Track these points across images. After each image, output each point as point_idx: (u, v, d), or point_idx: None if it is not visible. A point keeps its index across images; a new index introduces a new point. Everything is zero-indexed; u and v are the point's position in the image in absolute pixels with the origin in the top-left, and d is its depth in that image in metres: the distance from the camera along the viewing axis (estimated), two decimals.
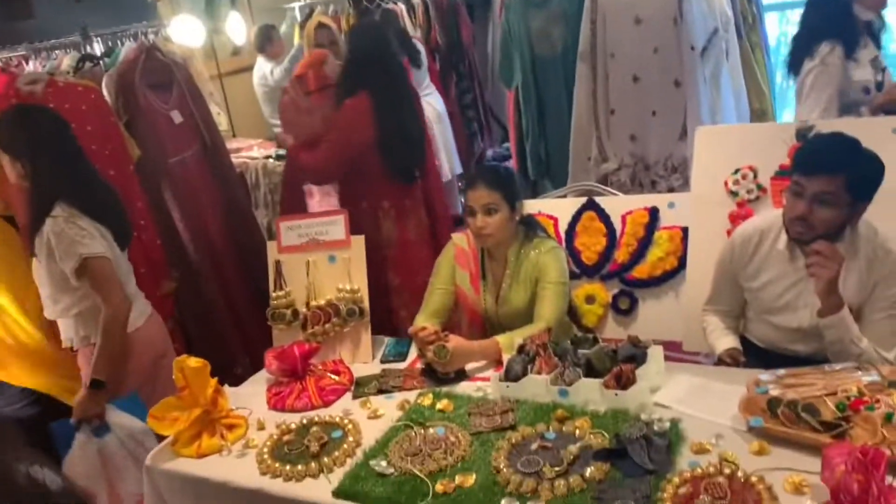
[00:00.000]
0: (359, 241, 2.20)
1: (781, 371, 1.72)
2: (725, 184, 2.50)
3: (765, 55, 4.59)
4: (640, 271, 2.69)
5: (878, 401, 1.52)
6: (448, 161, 4.49)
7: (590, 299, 2.74)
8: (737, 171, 2.49)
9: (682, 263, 2.60)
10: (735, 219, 2.45)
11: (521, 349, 1.95)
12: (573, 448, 1.56)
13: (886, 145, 2.26)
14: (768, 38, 4.79)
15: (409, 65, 4.45)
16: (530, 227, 2.32)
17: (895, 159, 2.21)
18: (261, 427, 1.89)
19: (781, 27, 6.32)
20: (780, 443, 1.53)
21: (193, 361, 1.81)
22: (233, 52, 5.39)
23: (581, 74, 3.84)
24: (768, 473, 1.44)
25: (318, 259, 2.21)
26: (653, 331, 2.57)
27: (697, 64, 3.61)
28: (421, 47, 4.46)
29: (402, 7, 4.67)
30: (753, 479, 1.42)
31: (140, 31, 3.50)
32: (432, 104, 4.44)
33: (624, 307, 2.72)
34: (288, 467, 1.69)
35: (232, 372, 2.83)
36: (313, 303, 2.19)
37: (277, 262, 2.25)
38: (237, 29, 5.12)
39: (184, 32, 3.83)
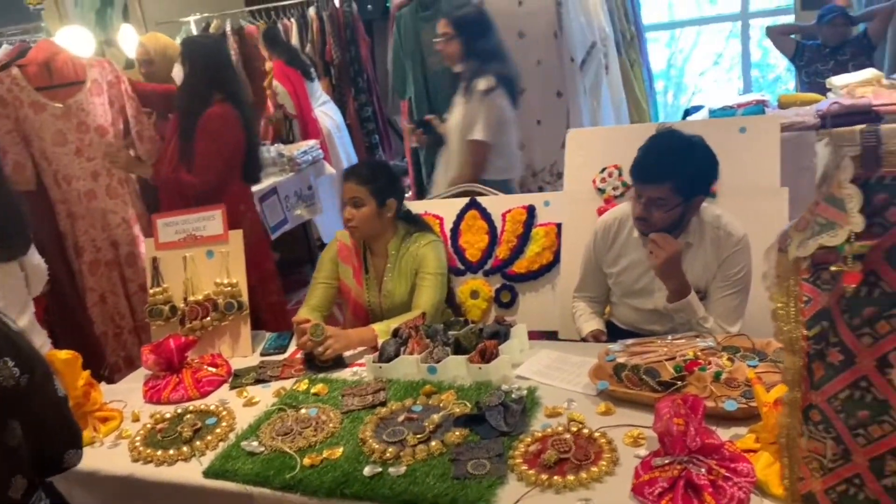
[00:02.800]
0: (237, 236, 2.23)
1: (630, 341, 1.86)
2: (594, 182, 2.67)
3: (644, 70, 4.88)
4: (519, 266, 2.81)
5: (709, 363, 1.67)
6: None
7: (474, 294, 2.84)
8: (604, 169, 2.66)
9: (557, 257, 2.74)
10: (602, 213, 2.62)
11: (395, 333, 2.03)
12: (436, 417, 1.65)
13: (733, 144, 2.49)
14: (648, 56, 5.10)
15: (303, 78, 4.52)
16: (411, 223, 2.41)
17: (742, 157, 2.45)
18: (135, 419, 1.89)
19: (671, 47, 6.73)
20: (625, 403, 1.66)
21: (63, 354, 1.80)
22: (126, 66, 5.30)
23: None
24: (611, 430, 1.56)
25: (196, 254, 2.24)
26: (532, 321, 2.69)
27: (577, 76, 3.82)
28: (312, 61, 4.53)
29: (292, 23, 4.72)
30: (597, 434, 1.54)
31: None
32: (329, 114, 4.50)
33: (506, 300, 2.83)
34: (160, 453, 1.70)
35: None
36: (191, 298, 2.20)
37: (154, 259, 2.25)
38: (130, 41, 5.04)
39: (72, 43, 3.76)
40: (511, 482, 1.44)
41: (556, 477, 1.41)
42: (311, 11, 4.98)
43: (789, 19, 5.03)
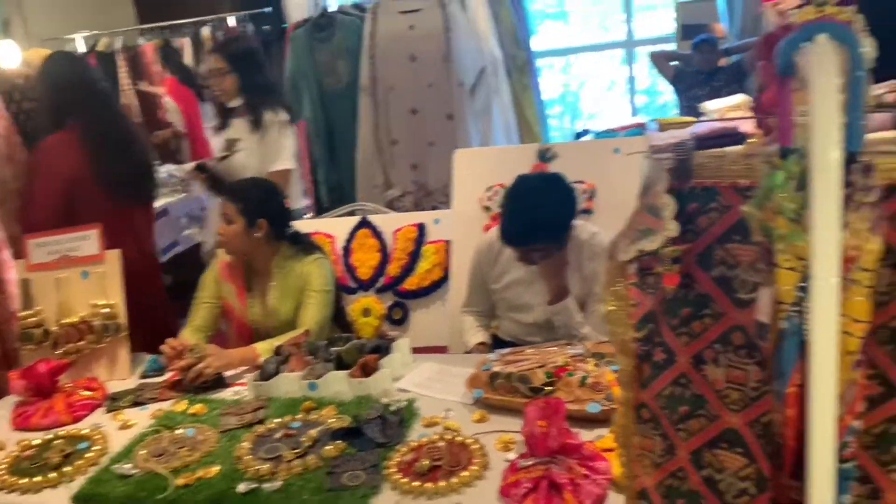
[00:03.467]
0: (113, 256, 2.18)
1: (505, 350, 1.93)
2: (480, 200, 2.75)
3: (535, 95, 5.06)
4: (410, 283, 2.86)
5: (577, 368, 1.75)
6: None
7: (366, 312, 2.87)
8: (490, 188, 2.75)
9: (447, 274, 2.81)
10: (489, 230, 2.71)
11: (277, 351, 2.03)
12: (313, 432, 1.66)
13: (608, 164, 2.64)
14: (539, 81, 5.29)
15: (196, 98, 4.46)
16: (297, 242, 2.42)
17: (616, 175, 2.59)
18: (1, 448, 1.81)
19: (567, 74, 6.99)
20: (499, 411, 1.72)
21: None
22: None
23: (364, 106, 4.05)
24: (484, 436, 1.62)
25: (71, 275, 2.17)
26: (424, 337, 2.76)
27: (467, 99, 3.94)
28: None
29: (186, 42, 4.66)
30: (470, 441, 1.59)
31: None
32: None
33: (397, 317, 2.88)
34: (25, 480, 1.64)
35: None
36: (65, 321, 2.13)
37: (25, 281, 2.17)
38: (11, 59, 4.83)
39: None
40: (385, 491, 1.47)
41: (428, 483, 1.45)
42: (206, 31, 4.92)
43: (671, 47, 5.34)
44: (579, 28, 6.67)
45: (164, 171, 4.01)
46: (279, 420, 1.76)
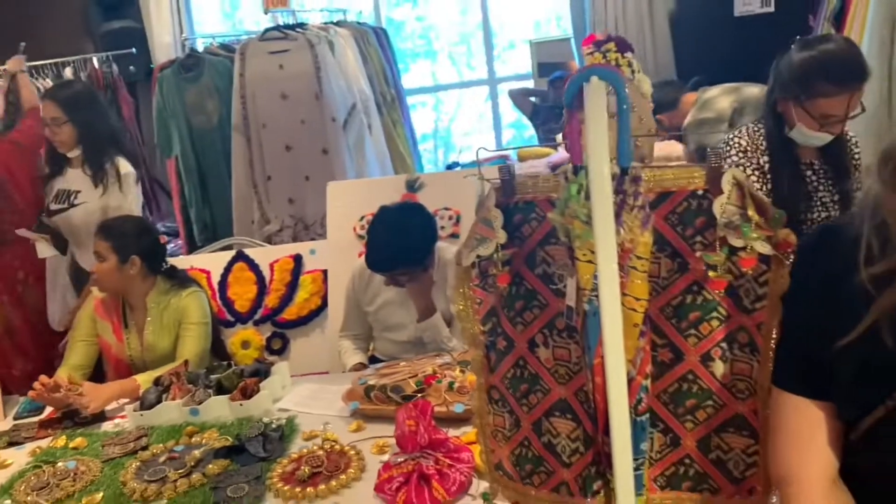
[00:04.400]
0: None
1: (379, 365, 2.08)
2: (354, 229, 2.90)
3: (406, 129, 5.28)
4: (289, 313, 2.95)
5: (445, 375, 1.92)
6: None
7: (245, 344, 2.92)
8: (362, 217, 2.90)
9: (324, 302, 2.92)
10: (362, 256, 2.85)
11: (156, 381, 2.07)
12: (197, 453, 1.73)
13: (472, 191, 2.85)
14: (410, 116, 5.53)
15: None
16: (172, 277, 2.47)
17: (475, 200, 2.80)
18: None
19: (438, 110, 7.29)
20: (374, 420, 1.86)
21: None
22: None
23: (237, 144, 4.10)
24: (361, 443, 1.75)
25: None
26: (304, 365, 2.85)
27: (340, 134, 4.08)
28: None
29: (47, 83, 4.56)
30: (347, 448, 1.71)
31: None
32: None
33: (277, 347, 2.95)
34: None
35: None
36: None
37: None
38: None
39: None
40: (269, 500, 1.57)
41: (309, 489, 1.57)
42: (68, 72, 4.83)
43: (530, 84, 5.72)
44: (447, 66, 6.99)
45: None
46: (162, 445, 1.81)
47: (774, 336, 1.00)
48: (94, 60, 4.86)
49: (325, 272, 2.94)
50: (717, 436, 1.10)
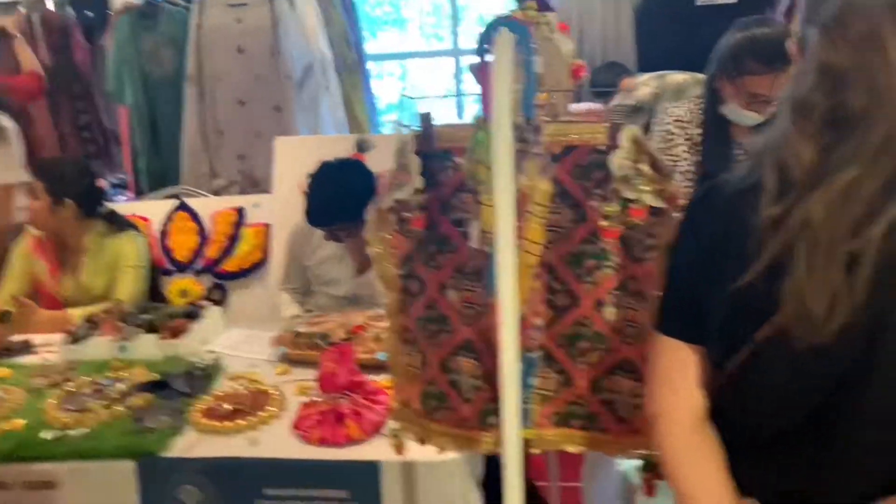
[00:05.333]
0: None
1: (310, 314, 2.12)
2: (300, 185, 2.92)
3: (365, 96, 5.28)
4: (230, 265, 2.97)
5: (373, 326, 1.98)
6: None
7: (183, 293, 2.93)
8: (309, 174, 2.92)
9: (266, 256, 2.95)
10: None
11: (89, 318, 2.09)
12: (121, 386, 1.77)
13: None
14: (370, 83, 5.52)
15: None
16: (111, 221, 2.48)
17: None
18: None
19: (405, 81, 7.27)
20: (301, 365, 1.91)
21: None
22: None
23: (189, 96, 4.07)
24: (285, 385, 1.80)
25: None
26: (243, 318, 2.87)
27: (295, 93, 4.08)
28: None
29: None
30: (270, 389, 1.76)
31: None
32: None
33: (216, 298, 2.97)
34: None
35: None
36: None
37: None
38: None
39: None
40: (188, 432, 1.62)
41: (227, 423, 1.61)
42: (21, 12, 4.71)
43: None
44: (415, 36, 6.97)
45: None
46: (88, 379, 1.84)
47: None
48: (49, 2, 4.74)
49: (268, 226, 2.96)
50: (607, 378, 1.18)
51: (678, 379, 1.00)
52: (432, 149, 1.20)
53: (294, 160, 2.97)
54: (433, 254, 1.23)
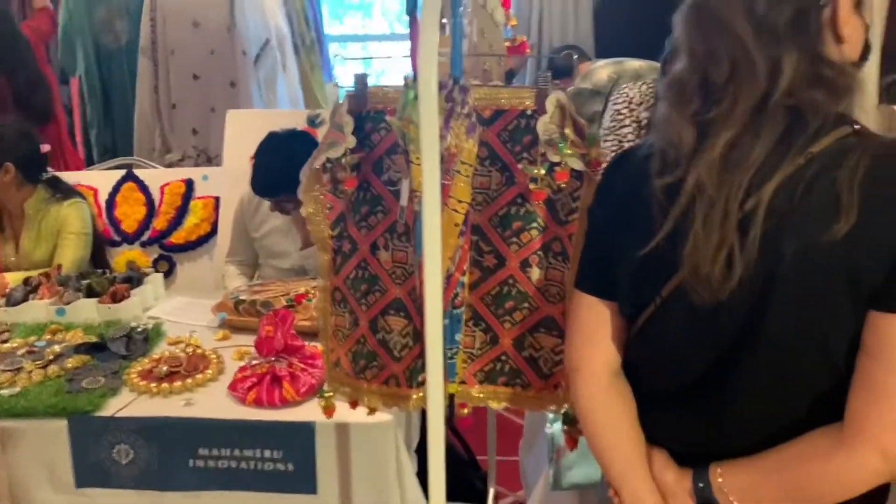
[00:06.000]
0: None
1: (253, 283, 2.13)
2: (250, 158, 2.91)
3: (324, 74, 5.26)
4: (177, 237, 2.95)
5: (315, 295, 1.99)
6: None
7: (130, 265, 2.90)
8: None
9: (214, 229, 2.93)
10: None
11: (26, 281, 2.07)
12: (57, 347, 1.76)
13: None
14: (331, 63, 5.49)
15: None
16: (55, 187, 2.44)
17: None
18: None
19: (369, 67, 7.22)
20: (242, 331, 1.92)
21: None
22: None
23: (143, 68, 4.01)
24: (224, 350, 1.80)
25: None
26: (190, 290, 2.85)
27: (251, 69, 4.04)
28: None
29: None
30: (208, 352, 1.77)
31: None
32: None
33: (163, 270, 2.94)
34: None
35: None
36: None
37: None
38: None
39: None
40: (124, 392, 1.62)
41: (164, 384, 1.62)
42: None
43: None
44: (379, 21, 6.95)
45: None
46: (23, 340, 1.82)
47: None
48: None
49: (217, 199, 2.94)
50: (530, 335, 1.21)
51: (593, 333, 1.04)
52: (366, 109, 1.22)
53: (245, 133, 2.95)
54: (365, 215, 1.25)
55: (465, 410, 1.29)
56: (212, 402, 1.59)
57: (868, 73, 0.95)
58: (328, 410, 1.36)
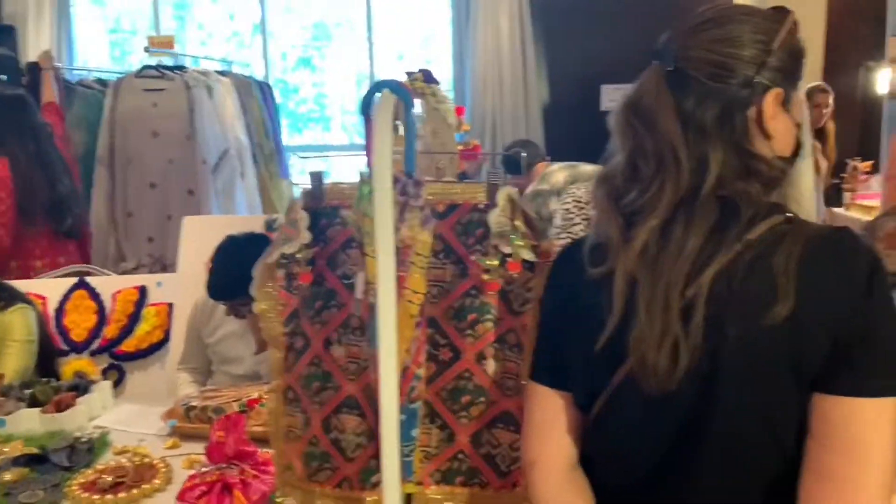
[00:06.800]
0: None
1: (206, 388, 2.07)
2: (206, 265, 2.89)
3: (283, 182, 5.34)
4: (128, 345, 2.87)
5: (269, 400, 1.94)
6: None
7: (78, 375, 2.81)
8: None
9: (167, 336, 2.87)
10: None
11: None
12: None
13: None
14: (290, 171, 5.60)
15: None
16: (1, 294, 2.39)
17: None
18: None
19: (329, 176, 7.35)
20: (193, 439, 1.84)
21: None
22: None
23: (99, 177, 4.03)
24: (173, 459, 1.73)
25: None
26: (141, 399, 2.76)
27: (209, 177, 4.09)
28: None
29: None
30: (156, 461, 1.69)
31: None
32: None
33: (113, 380, 2.85)
34: None
35: None
36: None
37: None
38: None
39: None
40: None
41: (108, 496, 1.53)
42: None
43: None
44: (338, 133, 7.14)
45: None
46: None
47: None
48: None
49: (170, 306, 2.90)
50: (488, 431, 1.20)
51: (549, 426, 1.03)
52: (321, 205, 1.24)
53: (202, 239, 2.95)
54: (319, 309, 1.25)
55: None
56: None
57: (803, 168, 1.00)
58: None
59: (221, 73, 4.65)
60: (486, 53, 5.37)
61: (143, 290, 2.92)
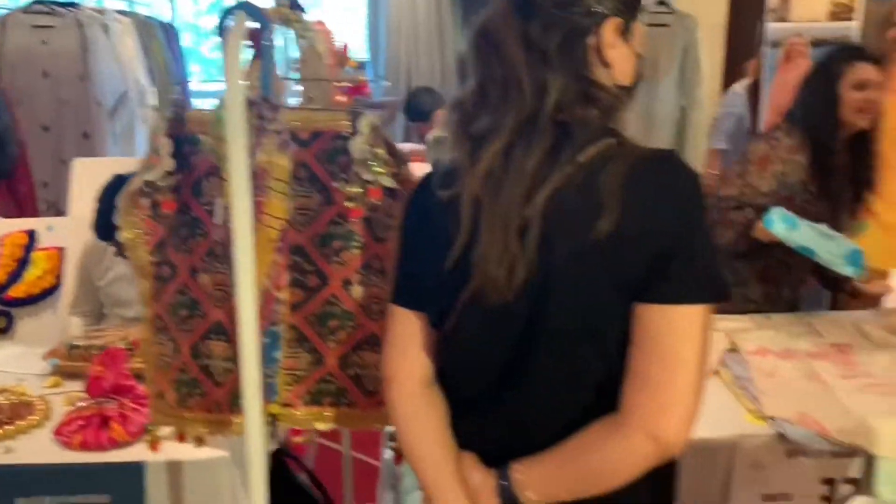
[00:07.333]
0: None
1: (92, 328, 2.04)
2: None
3: None
4: (17, 290, 2.77)
5: None
6: None
7: None
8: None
9: (59, 281, 2.79)
10: None
11: None
12: None
13: None
14: None
15: None
16: None
17: None
18: None
19: None
20: (76, 378, 1.81)
21: None
22: None
23: None
24: (54, 397, 1.70)
25: None
26: (31, 345, 2.67)
27: (106, 119, 3.94)
28: None
29: None
30: (35, 399, 1.67)
31: None
32: None
33: (1, 326, 2.76)
34: None
35: None
36: None
37: None
38: None
39: None
40: None
41: None
42: None
43: None
44: None
45: None
46: None
47: None
48: None
49: (61, 250, 2.81)
50: (354, 353, 1.23)
51: (407, 345, 1.07)
52: (183, 132, 1.22)
53: (93, 182, 2.85)
54: (185, 238, 1.24)
55: (299, 438, 1.28)
56: (35, 448, 1.49)
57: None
58: (154, 444, 1.32)
59: (121, 12, 4.44)
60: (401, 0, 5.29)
61: (32, 234, 2.81)
